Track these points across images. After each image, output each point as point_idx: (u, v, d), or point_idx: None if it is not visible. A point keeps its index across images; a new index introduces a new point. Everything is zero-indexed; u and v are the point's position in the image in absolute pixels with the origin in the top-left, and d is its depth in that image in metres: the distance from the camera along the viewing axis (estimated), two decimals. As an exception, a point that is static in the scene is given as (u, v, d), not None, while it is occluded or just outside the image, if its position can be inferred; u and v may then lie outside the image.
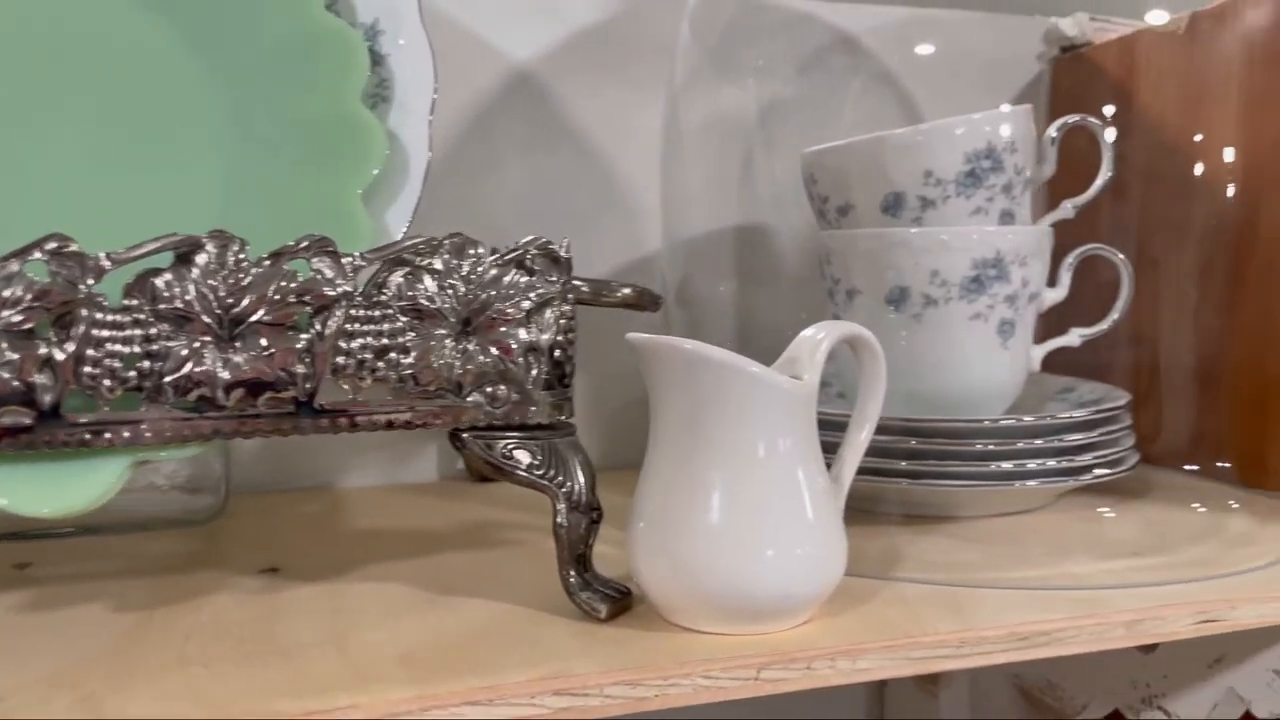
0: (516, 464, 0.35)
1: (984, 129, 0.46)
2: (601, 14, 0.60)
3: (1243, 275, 0.52)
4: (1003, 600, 0.37)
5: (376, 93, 0.40)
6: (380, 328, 0.34)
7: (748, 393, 0.34)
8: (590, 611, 0.35)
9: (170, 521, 0.47)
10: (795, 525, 0.34)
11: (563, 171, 0.60)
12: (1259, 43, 0.52)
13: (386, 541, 0.46)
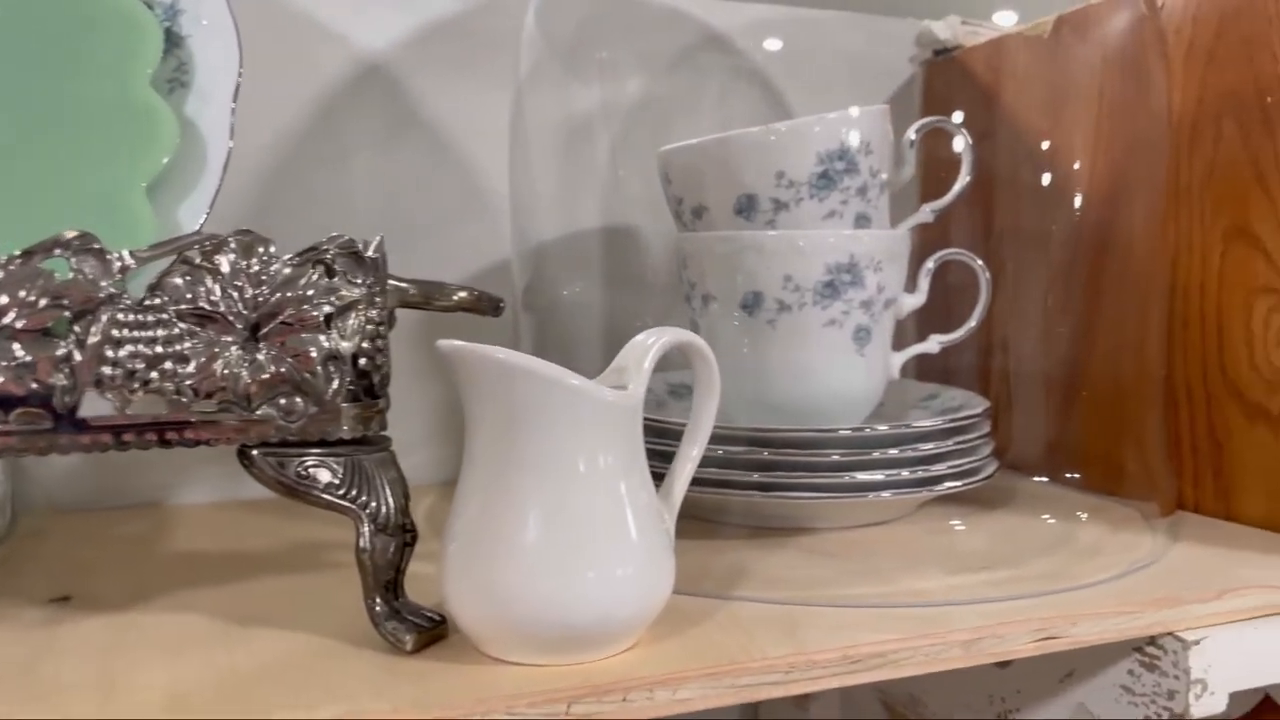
0: (313, 484, 0.32)
1: (837, 129, 0.45)
2: (460, 4, 0.57)
3: (1099, 282, 0.52)
4: (841, 620, 0.35)
5: (174, 77, 0.37)
6: (154, 334, 0.30)
7: (567, 406, 0.31)
8: (396, 643, 0.32)
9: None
10: (617, 546, 0.32)
11: (418, 168, 0.57)
12: (1116, 49, 0.52)
13: (200, 565, 0.43)
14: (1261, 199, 0.46)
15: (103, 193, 0.33)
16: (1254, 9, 0.46)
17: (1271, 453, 0.46)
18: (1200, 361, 0.49)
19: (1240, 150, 0.47)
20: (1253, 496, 0.47)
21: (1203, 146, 0.49)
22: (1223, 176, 0.48)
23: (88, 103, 0.35)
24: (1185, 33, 0.49)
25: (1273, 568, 0.41)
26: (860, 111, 0.46)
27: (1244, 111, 0.47)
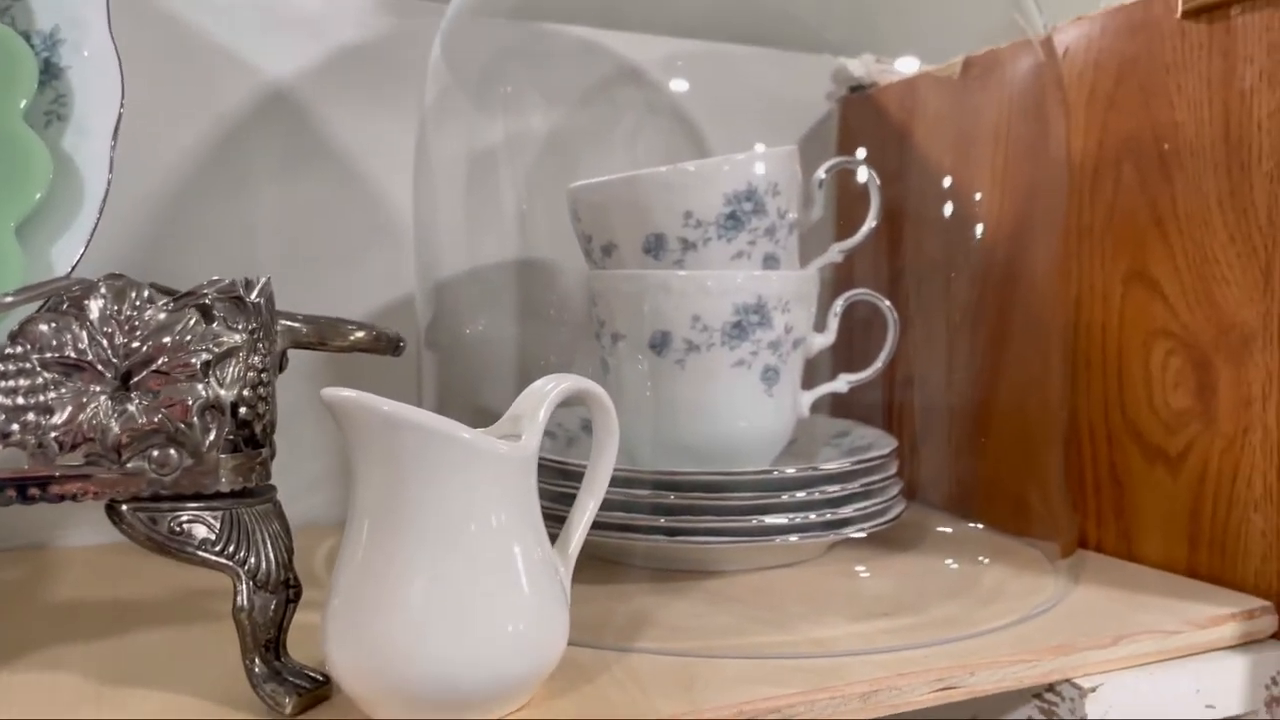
0: (188, 540, 0.31)
1: (744, 171, 0.45)
2: (367, 34, 0.56)
3: (1004, 322, 0.53)
4: (740, 672, 0.35)
5: (52, 109, 0.35)
6: (15, 384, 0.29)
7: (456, 460, 0.31)
8: (274, 706, 0.31)
9: None
10: (508, 601, 0.31)
11: (324, 199, 0.56)
12: (1019, 93, 0.53)
13: (78, 616, 0.41)
14: (1159, 243, 0.47)
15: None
16: (1152, 57, 0.47)
17: (1168, 494, 0.47)
18: (1102, 402, 0.50)
19: (1139, 195, 0.48)
20: (1151, 537, 0.48)
21: (1103, 190, 0.50)
22: (1122, 220, 0.49)
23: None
24: (1087, 78, 0.50)
25: (1166, 611, 0.41)
26: (768, 153, 0.46)
27: (1142, 157, 0.48)
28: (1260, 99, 0.43)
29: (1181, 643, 0.40)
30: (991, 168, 0.54)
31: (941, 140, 0.58)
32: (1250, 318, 0.43)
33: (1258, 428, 0.43)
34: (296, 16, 0.55)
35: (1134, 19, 0.48)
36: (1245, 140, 0.43)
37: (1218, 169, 0.44)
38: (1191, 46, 0.46)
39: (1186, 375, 0.46)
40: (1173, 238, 0.46)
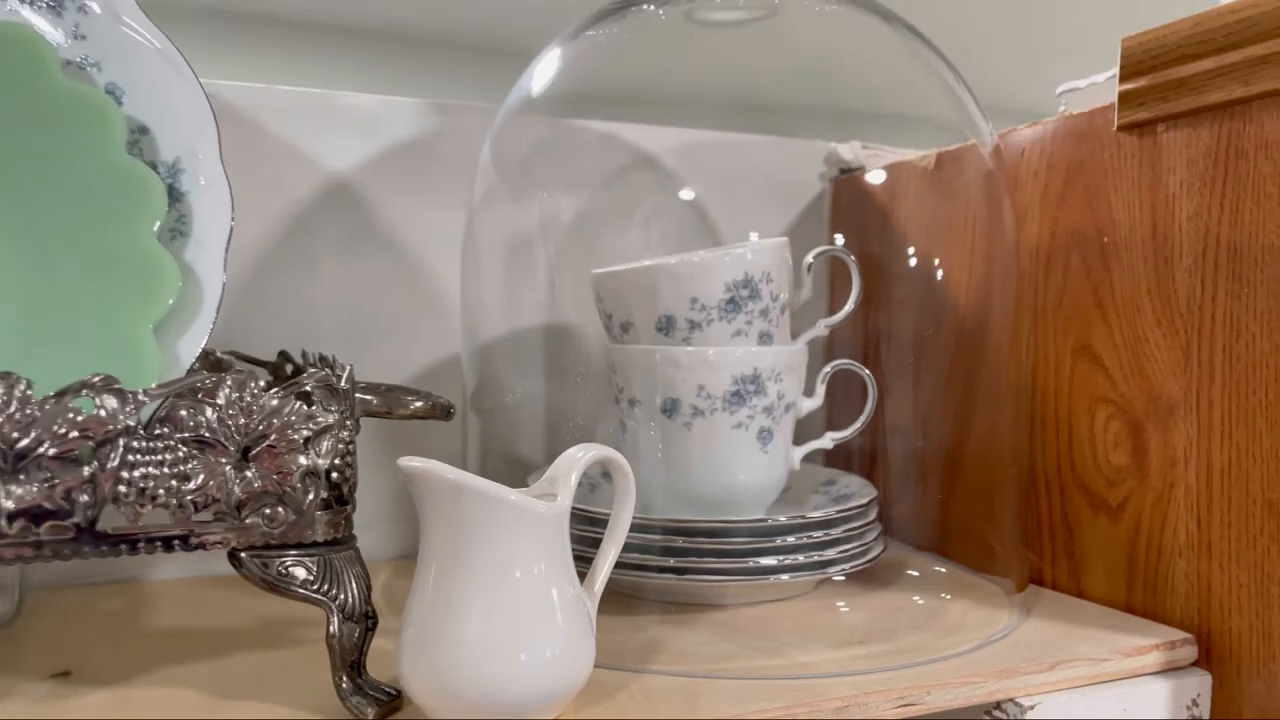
0: (292, 580, 0.39)
1: (741, 262, 0.52)
2: (415, 131, 0.65)
3: (974, 384, 0.60)
4: (736, 691, 0.42)
5: (175, 227, 0.43)
6: (162, 458, 0.37)
7: (505, 517, 0.38)
8: (358, 714, 0.39)
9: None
10: (545, 632, 0.39)
11: (377, 276, 0.64)
12: (984, 184, 0.60)
13: (181, 641, 0.48)
14: (1100, 323, 0.54)
15: (117, 333, 0.40)
16: (1094, 162, 0.55)
17: (1110, 539, 0.54)
18: (1055, 458, 0.57)
19: (1084, 280, 0.55)
20: (1096, 576, 0.55)
21: (1055, 275, 0.57)
22: (1070, 302, 0.56)
23: (103, 253, 0.41)
24: (1041, 177, 0.58)
25: (1100, 642, 0.48)
26: (761, 245, 0.54)
27: (1087, 248, 0.55)
28: (1180, 204, 0.50)
29: (1110, 668, 0.47)
30: (961, 250, 0.61)
31: (919, 221, 0.66)
32: (1174, 390, 0.51)
33: (1181, 484, 0.50)
34: (355, 116, 0.63)
35: (1079, 127, 0.56)
36: (1169, 238, 0.51)
37: (1147, 261, 0.52)
38: (1126, 155, 0.53)
39: (1124, 437, 0.53)
40: (1111, 319, 0.54)
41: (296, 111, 0.62)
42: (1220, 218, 0.48)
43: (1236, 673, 0.48)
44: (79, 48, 0.44)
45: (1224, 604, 0.48)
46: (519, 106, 0.57)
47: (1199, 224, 0.49)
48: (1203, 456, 0.49)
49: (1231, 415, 0.48)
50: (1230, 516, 0.48)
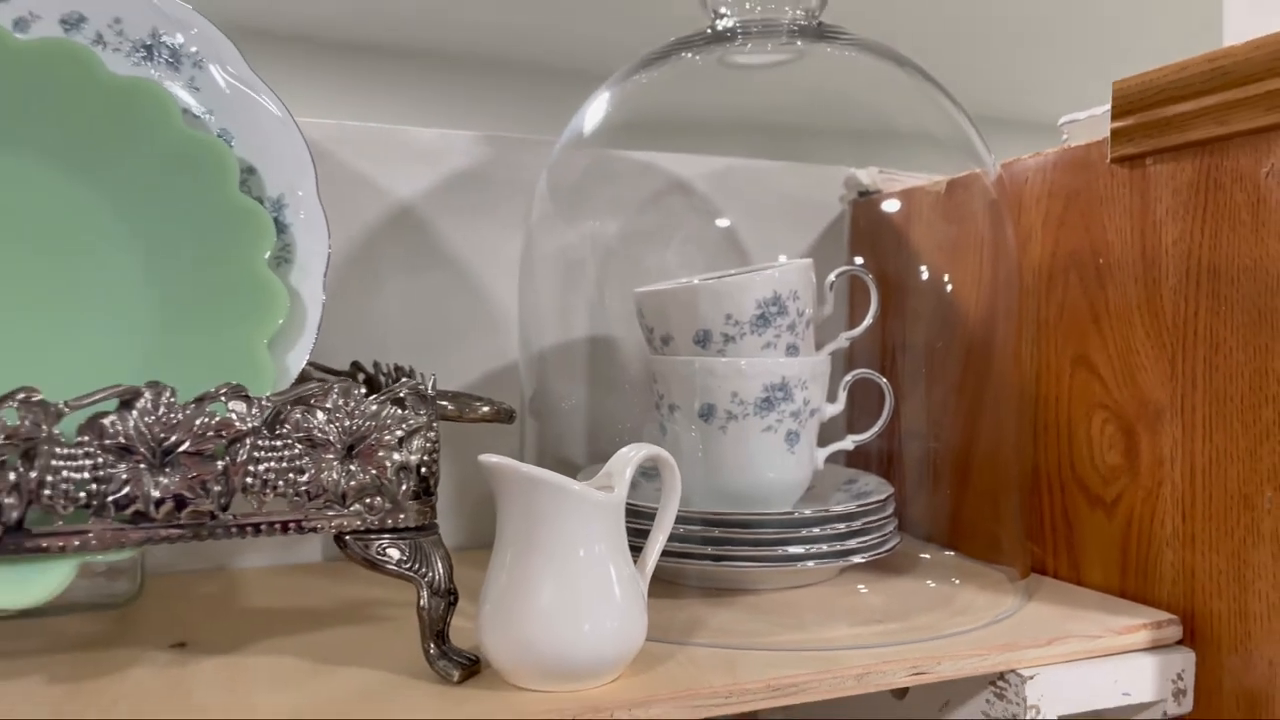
0: (388, 560, 0.45)
1: (771, 281, 0.58)
2: (472, 160, 0.71)
3: (982, 391, 0.66)
4: (768, 660, 0.48)
5: (281, 255, 0.50)
6: (281, 454, 0.43)
7: (571, 506, 0.44)
8: (445, 676, 0.45)
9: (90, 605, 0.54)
10: (605, 606, 0.45)
11: (439, 292, 0.70)
12: (989, 209, 0.66)
13: (277, 619, 0.55)
14: (1095, 336, 0.60)
15: (238, 348, 0.46)
16: (1090, 191, 0.61)
17: (1105, 532, 0.60)
18: (1056, 458, 0.63)
19: (1081, 297, 0.61)
20: (1093, 565, 0.61)
21: (1056, 292, 0.63)
22: (1069, 316, 0.62)
23: (223, 279, 0.47)
24: (1043, 204, 0.64)
25: (1094, 621, 0.54)
26: (789, 266, 0.60)
27: (1084, 268, 0.61)
28: (1166, 229, 0.56)
29: (1102, 645, 0.52)
30: (970, 268, 0.67)
31: (931, 241, 0.72)
32: (1162, 397, 0.56)
33: (1168, 482, 0.56)
34: (417, 149, 0.70)
35: (1077, 159, 0.62)
36: (1156, 260, 0.57)
37: (1137, 281, 0.58)
38: (1118, 185, 0.59)
39: (1117, 440, 0.59)
40: (1106, 332, 0.60)
41: (365, 144, 0.69)
42: (1201, 242, 0.54)
43: (1217, 649, 0.53)
44: (195, 98, 0.51)
45: (1205, 588, 0.54)
46: (571, 141, 0.64)
47: (1183, 247, 0.55)
48: (1187, 457, 0.55)
49: (1212, 419, 0.54)
50: (1211, 510, 0.54)
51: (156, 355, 0.47)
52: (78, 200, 0.48)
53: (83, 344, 0.47)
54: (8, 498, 0.39)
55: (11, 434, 0.39)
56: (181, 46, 0.51)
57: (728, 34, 0.60)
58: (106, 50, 0.50)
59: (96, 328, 0.47)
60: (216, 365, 0.45)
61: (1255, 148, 0.51)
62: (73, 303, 0.47)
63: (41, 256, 0.47)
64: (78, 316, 0.47)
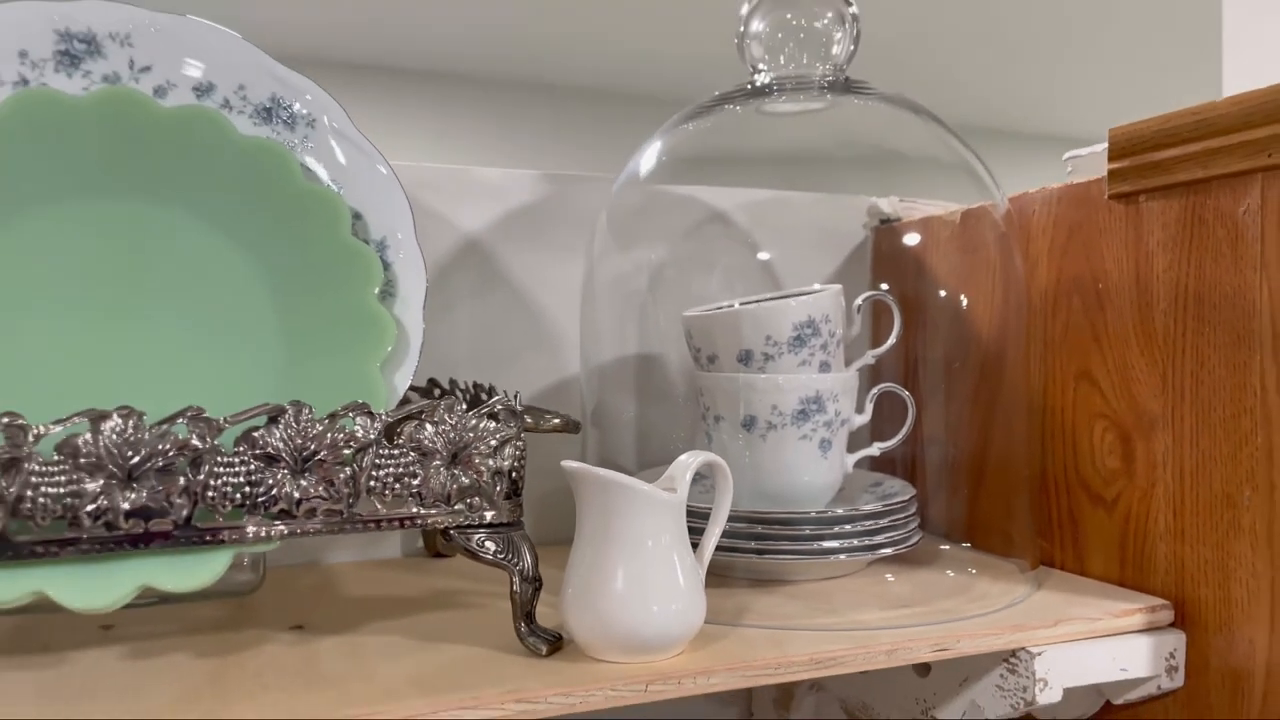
0: (486, 551, 0.52)
1: (805, 306, 0.66)
2: (532, 197, 0.79)
3: (994, 402, 0.73)
4: (809, 638, 0.55)
5: (386, 290, 0.57)
6: (398, 461, 0.51)
7: (640, 504, 0.52)
8: (534, 650, 0.52)
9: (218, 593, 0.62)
10: (671, 590, 0.52)
11: (503, 314, 0.78)
12: (1000, 236, 0.74)
13: (376, 604, 0.62)
14: (1096, 353, 0.67)
15: (355, 371, 0.54)
16: (1090, 223, 0.68)
17: (1105, 528, 0.67)
18: (1061, 463, 0.70)
19: (1083, 318, 0.68)
20: (1095, 557, 0.68)
21: (1060, 313, 0.70)
22: (1073, 335, 0.69)
23: (340, 311, 0.55)
24: (1048, 234, 0.71)
25: (1095, 607, 0.61)
26: (821, 293, 0.67)
27: (1085, 292, 0.68)
28: (1157, 259, 0.63)
29: (1102, 626, 0.60)
30: (983, 290, 0.74)
31: (948, 266, 0.79)
32: (1155, 408, 0.63)
33: (1160, 483, 0.63)
34: (484, 186, 0.78)
35: (1078, 194, 0.69)
36: (1149, 286, 0.64)
37: (1132, 305, 0.65)
38: (1115, 219, 0.66)
39: (1116, 446, 0.66)
40: (1105, 349, 0.67)
41: (438, 183, 0.76)
42: (1188, 271, 0.61)
43: (1204, 631, 0.60)
44: (308, 155, 0.59)
45: (1194, 577, 0.61)
46: (627, 181, 0.71)
47: (1172, 275, 0.62)
48: (1177, 460, 0.62)
49: (1198, 428, 0.61)
50: (1198, 508, 0.61)
51: (286, 379, 0.55)
52: (215, 246, 0.56)
53: (222, 369, 0.55)
54: (178, 499, 0.47)
55: (182, 445, 0.47)
56: (296, 109, 0.59)
57: (765, 89, 0.68)
58: (233, 113, 0.58)
59: (234, 355, 0.55)
60: (338, 387, 0.53)
61: (1233, 189, 0.58)
62: (214, 333, 0.55)
63: (187, 295, 0.55)
64: (218, 345, 0.55)
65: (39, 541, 0.45)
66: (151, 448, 0.46)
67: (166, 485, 0.46)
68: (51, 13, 0.55)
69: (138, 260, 0.55)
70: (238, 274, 0.56)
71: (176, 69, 0.57)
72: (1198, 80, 1.36)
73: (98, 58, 0.56)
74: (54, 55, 0.55)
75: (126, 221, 0.55)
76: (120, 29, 0.56)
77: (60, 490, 0.45)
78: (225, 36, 0.58)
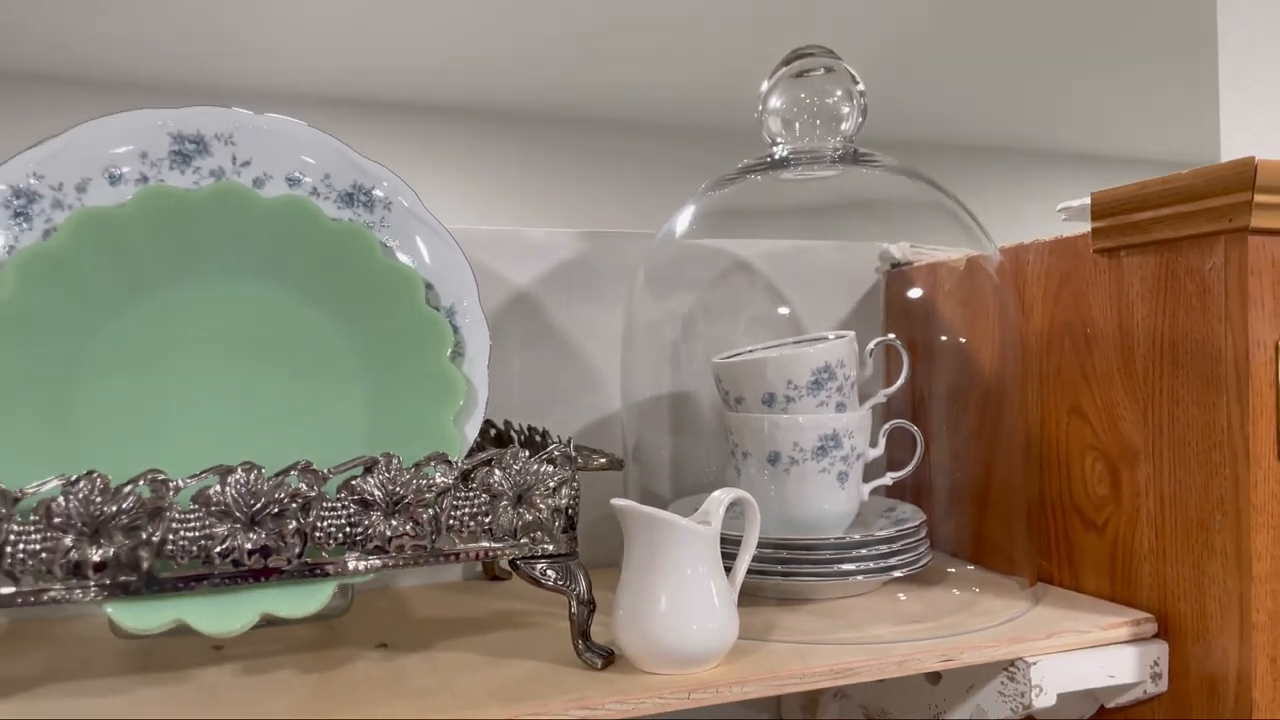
0: (548, 578, 0.61)
1: (823, 354, 0.74)
2: (573, 253, 0.87)
3: (995, 434, 0.81)
4: (829, 651, 0.63)
5: (456, 351, 0.66)
6: (472, 502, 0.59)
7: (680, 536, 0.60)
8: (590, 664, 0.61)
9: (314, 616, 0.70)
10: (709, 610, 0.60)
11: (550, 361, 0.87)
12: (999, 280, 0.81)
13: (447, 625, 0.71)
14: (1085, 391, 0.75)
15: (431, 424, 0.62)
16: (1079, 273, 0.76)
17: (1097, 549, 0.74)
18: (1057, 489, 0.78)
19: (1074, 359, 0.76)
20: (1089, 576, 0.75)
21: (1053, 354, 0.78)
22: (1065, 375, 0.77)
23: (417, 372, 0.64)
24: (1042, 281, 0.79)
25: (1085, 621, 0.68)
26: (836, 341, 0.75)
27: (1075, 335, 0.76)
28: (1136, 309, 0.71)
29: (1091, 638, 0.67)
30: (984, 332, 0.82)
31: (955, 308, 0.87)
32: (1137, 441, 0.71)
33: (1144, 508, 0.71)
34: (530, 245, 0.86)
35: (1068, 248, 0.77)
36: (1130, 332, 0.71)
37: (1115, 348, 0.72)
38: (1099, 270, 0.74)
39: (1104, 474, 0.74)
40: (1094, 388, 0.74)
41: (489, 243, 0.85)
42: (1163, 319, 0.69)
43: (1184, 641, 0.68)
44: (385, 234, 0.67)
45: (1174, 593, 0.68)
46: (662, 241, 0.80)
47: (1150, 323, 0.70)
48: (1157, 488, 0.69)
49: (1174, 460, 0.68)
50: (1176, 531, 0.68)
51: (373, 432, 0.64)
52: (309, 317, 0.64)
53: (318, 424, 0.63)
54: (292, 538, 0.55)
55: (294, 493, 0.55)
56: (375, 193, 0.67)
57: (783, 160, 0.76)
58: (320, 199, 0.66)
59: (327, 411, 0.64)
60: (418, 438, 0.61)
61: (1201, 249, 0.66)
62: (310, 392, 0.64)
63: (287, 359, 0.64)
64: (314, 403, 0.64)
65: (178, 578, 0.54)
66: (269, 496, 0.55)
67: (282, 527, 0.55)
68: (166, 118, 0.64)
69: (246, 331, 0.63)
70: (329, 341, 0.65)
71: (272, 163, 0.66)
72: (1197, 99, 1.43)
73: (205, 155, 0.65)
74: (169, 155, 0.64)
75: (235, 297, 0.63)
76: (224, 130, 0.65)
77: (196, 534, 0.54)
78: (312, 133, 0.67)
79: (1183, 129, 4.76)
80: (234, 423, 0.62)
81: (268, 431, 0.62)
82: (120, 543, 0.53)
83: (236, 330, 0.63)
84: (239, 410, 0.63)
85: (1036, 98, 4.34)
